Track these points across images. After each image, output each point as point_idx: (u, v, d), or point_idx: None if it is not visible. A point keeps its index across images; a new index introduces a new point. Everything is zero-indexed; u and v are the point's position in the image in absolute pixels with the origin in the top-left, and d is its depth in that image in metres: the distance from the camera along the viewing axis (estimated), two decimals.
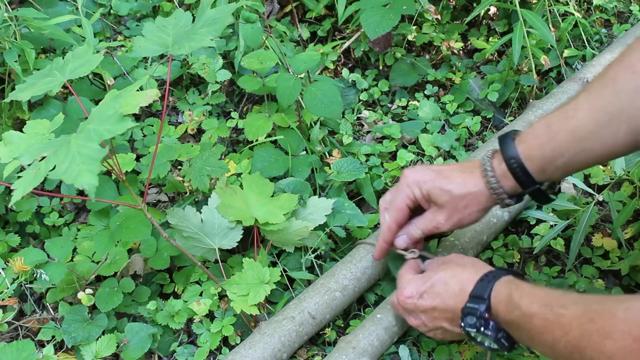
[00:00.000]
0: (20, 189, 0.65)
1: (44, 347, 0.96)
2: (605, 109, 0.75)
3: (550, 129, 0.80)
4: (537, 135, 0.81)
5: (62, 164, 0.65)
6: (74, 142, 0.68)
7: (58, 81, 0.87)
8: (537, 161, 0.81)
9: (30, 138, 0.84)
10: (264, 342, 0.91)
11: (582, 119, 0.77)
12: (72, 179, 0.63)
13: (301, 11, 1.54)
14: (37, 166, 0.67)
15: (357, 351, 0.92)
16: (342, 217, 1.08)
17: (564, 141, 0.78)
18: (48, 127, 0.85)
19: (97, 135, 0.68)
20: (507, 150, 0.83)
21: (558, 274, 1.08)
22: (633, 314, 0.59)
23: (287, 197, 1.05)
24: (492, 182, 0.84)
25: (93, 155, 0.65)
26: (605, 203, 1.17)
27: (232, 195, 1.04)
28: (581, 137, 0.77)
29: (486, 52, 1.40)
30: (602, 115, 0.75)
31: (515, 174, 0.83)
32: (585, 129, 0.77)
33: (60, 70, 0.88)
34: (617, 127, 0.75)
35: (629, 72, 0.73)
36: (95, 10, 1.32)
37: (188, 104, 1.35)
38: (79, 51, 0.91)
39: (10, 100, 1.19)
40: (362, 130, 1.37)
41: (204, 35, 0.85)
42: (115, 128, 0.68)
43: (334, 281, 0.99)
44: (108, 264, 1.03)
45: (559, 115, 0.80)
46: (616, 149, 0.77)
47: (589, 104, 0.77)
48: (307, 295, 0.97)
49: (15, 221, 1.15)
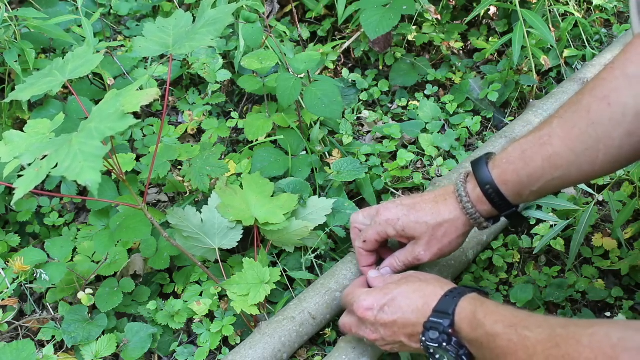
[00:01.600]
0: (22, 188, 0.65)
1: (44, 347, 0.96)
2: (581, 138, 0.75)
3: (525, 154, 0.80)
4: (512, 161, 0.81)
5: (64, 162, 0.65)
6: (75, 140, 0.68)
7: (58, 81, 0.87)
8: (512, 186, 0.82)
9: (31, 137, 0.84)
10: (264, 342, 0.91)
11: (557, 147, 0.77)
12: (75, 175, 0.63)
13: (301, 11, 1.54)
14: (38, 165, 0.67)
15: (357, 351, 0.92)
16: (342, 217, 1.08)
17: (539, 168, 0.78)
18: (48, 127, 0.85)
19: (98, 133, 0.68)
20: (481, 176, 0.83)
21: (558, 274, 1.08)
22: (598, 340, 0.58)
23: (287, 197, 1.05)
24: (468, 207, 0.85)
25: (95, 152, 0.65)
26: (605, 203, 1.17)
27: (232, 195, 1.04)
28: (557, 165, 0.77)
29: (486, 52, 1.40)
30: (578, 145, 0.76)
31: (491, 199, 0.83)
32: (561, 157, 0.77)
33: (60, 70, 0.88)
34: (594, 155, 0.75)
35: (604, 104, 0.73)
36: (95, 10, 1.32)
37: (188, 104, 1.35)
38: (79, 51, 0.91)
39: (10, 101, 1.20)
40: (362, 130, 1.37)
41: (205, 35, 0.85)
42: (116, 125, 0.68)
43: (334, 281, 0.99)
44: (108, 264, 1.03)
45: (534, 142, 0.80)
46: (594, 174, 0.78)
47: (563, 132, 0.77)
48: (307, 296, 0.97)
49: (15, 221, 1.15)
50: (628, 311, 1.02)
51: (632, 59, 0.73)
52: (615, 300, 1.04)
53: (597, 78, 0.76)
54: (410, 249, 0.91)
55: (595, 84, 0.75)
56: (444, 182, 1.13)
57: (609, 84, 0.73)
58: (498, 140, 1.19)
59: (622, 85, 0.72)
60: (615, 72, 0.73)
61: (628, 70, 0.72)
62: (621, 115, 0.72)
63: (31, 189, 0.65)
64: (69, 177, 0.63)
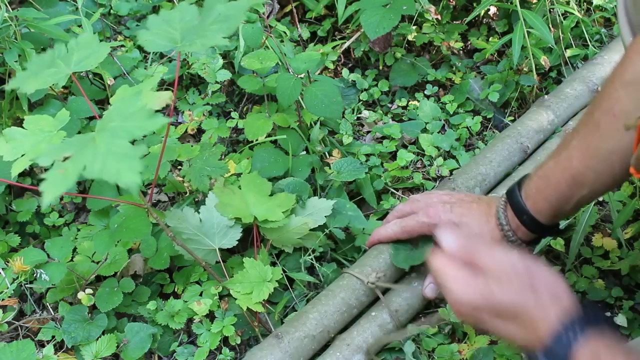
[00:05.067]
0: (50, 191, 0.60)
1: (44, 347, 0.96)
2: (596, 154, 0.79)
3: (550, 181, 0.84)
4: (540, 190, 0.86)
5: (93, 163, 0.61)
6: (99, 140, 0.63)
7: (63, 73, 0.82)
8: (546, 213, 0.87)
9: (35, 135, 0.81)
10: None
11: (577, 168, 0.81)
12: (113, 177, 0.59)
13: (301, 11, 1.54)
14: (61, 166, 0.62)
15: (352, 348, 0.92)
16: (343, 218, 1.08)
17: (567, 191, 0.83)
18: (53, 124, 0.84)
19: (125, 133, 0.63)
20: (517, 207, 0.88)
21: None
22: None
23: (285, 196, 1.05)
24: (510, 235, 0.90)
25: (128, 152, 0.61)
26: (605, 203, 1.17)
27: (230, 194, 1.04)
28: (582, 184, 0.82)
29: (486, 52, 1.40)
30: (595, 162, 0.80)
31: (529, 227, 0.88)
32: (583, 176, 0.81)
33: (64, 60, 0.83)
34: (611, 167, 0.79)
35: (610, 116, 0.77)
36: (95, 10, 1.32)
37: (188, 104, 1.35)
38: (83, 40, 0.86)
39: (10, 100, 1.20)
40: (362, 130, 1.37)
41: (216, 32, 0.80)
42: (146, 124, 0.63)
43: (354, 297, 0.99)
44: (108, 264, 1.03)
45: (555, 167, 0.84)
46: (617, 182, 0.82)
47: (580, 153, 0.81)
48: (328, 310, 0.96)
49: (15, 221, 1.15)
50: (628, 311, 1.02)
51: (627, 67, 0.76)
52: (615, 300, 1.04)
53: (601, 93, 0.79)
54: None
55: (601, 99, 0.79)
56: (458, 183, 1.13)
57: (611, 96, 0.77)
58: None
59: (622, 95, 0.75)
60: (615, 84, 0.76)
61: (624, 79, 0.75)
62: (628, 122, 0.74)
63: (62, 192, 0.60)
64: (108, 179, 0.59)
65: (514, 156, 1.19)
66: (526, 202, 0.87)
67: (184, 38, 0.82)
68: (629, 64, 0.76)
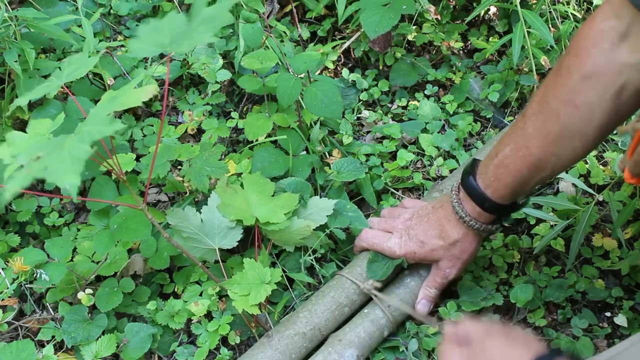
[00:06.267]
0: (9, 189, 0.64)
1: (44, 347, 0.96)
2: (557, 142, 0.81)
3: (510, 169, 0.85)
4: (500, 178, 0.87)
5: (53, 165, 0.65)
6: (67, 143, 0.68)
7: (55, 85, 0.87)
8: (508, 197, 0.89)
9: (32, 138, 0.83)
10: (276, 359, 0.93)
11: (537, 155, 0.82)
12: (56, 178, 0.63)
13: (301, 11, 1.54)
14: (30, 166, 0.67)
15: (344, 343, 0.93)
16: (343, 219, 1.08)
17: (528, 175, 0.85)
18: (48, 127, 0.85)
19: (89, 137, 0.68)
20: (476, 196, 0.90)
21: (558, 274, 1.08)
22: None
23: (288, 197, 1.05)
24: (474, 224, 0.92)
25: (80, 155, 0.65)
26: (605, 203, 1.17)
27: (232, 194, 1.04)
28: (543, 168, 0.83)
29: (486, 52, 1.40)
30: (556, 148, 0.81)
31: (491, 212, 0.91)
32: (544, 161, 0.82)
33: (57, 75, 0.89)
34: (573, 152, 0.81)
35: (571, 108, 0.78)
36: (95, 10, 1.32)
37: (188, 104, 1.35)
38: (74, 58, 0.91)
39: (10, 100, 1.20)
40: (362, 130, 1.37)
41: (203, 32, 0.83)
42: (105, 129, 0.69)
43: (344, 296, 1.00)
44: (108, 264, 1.03)
45: (513, 155, 0.85)
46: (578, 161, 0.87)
47: (539, 140, 0.81)
48: (318, 309, 0.98)
49: (15, 221, 1.15)
50: (628, 311, 1.02)
51: (585, 60, 0.76)
52: (615, 300, 1.04)
53: (556, 84, 0.79)
54: (436, 272, 0.99)
55: (557, 90, 0.79)
56: (447, 185, 1.14)
57: (570, 87, 0.77)
58: None
59: (583, 87, 0.76)
60: (573, 76, 0.77)
61: (584, 72, 0.76)
62: (589, 114, 0.77)
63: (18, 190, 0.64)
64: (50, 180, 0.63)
65: None
66: (486, 191, 0.89)
67: (172, 42, 0.86)
68: (586, 56, 0.76)
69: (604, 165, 1.22)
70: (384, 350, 0.99)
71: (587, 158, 1.23)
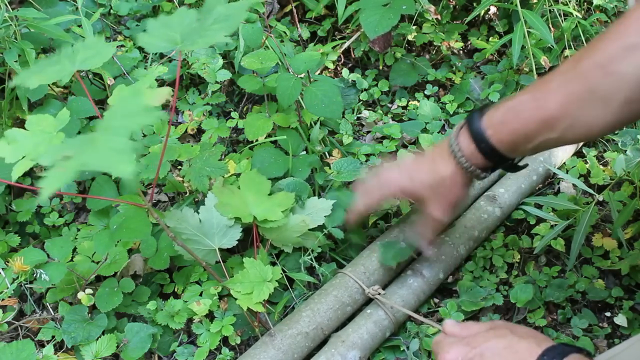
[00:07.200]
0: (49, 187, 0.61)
1: (44, 347, 0.96)
2: (579, 104, 0.74)
3: (519, 116, 0.80)
4: (507, 122, 0.82)
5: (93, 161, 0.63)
6: (99, 139, 0.65)
7: (67, 71, 0.82)
8: (507, 145, 0.83)
9: (36, 136, 0.82)
10: (279, 359, 0.92)
11: (553, 110, 0.76)
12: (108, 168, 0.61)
13: (301, 11, 1.54)
14: (62, 165, 0.64)
15: (347, 344, 0.93)
16: (343, 213, 1.07)
17: (535, 129, 0.79)
18: (53, 125, 0.84)
19: (124, 130, 0.66)
20: (475, 133, 0.84)
21: (558, 274, 1.08)
22: None
23: (284, 195, 1.05)
24: (463, 161, 0.87)
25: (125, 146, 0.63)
26: (606, 203, 1.17)
27: (229, 194, 1.04)
28: (554, 127, 0.77)
29: (486, 52, 1.40)
30: (575, 110, 0.75)
31: (486, 155, 0.85)
32: (558, 120, 0.76)
33: (69, 58, 0.84)
34: (591, 120, 0.75)
35: (603, 72, 0.73)
36: (95, 10, 1.32)
37: (188, 104, 1.35)
38: (89, 41, 0.87)
39: (10, 100, 1.20)
40: (362, 130, 1.37)
41: (218, 31, 0.80)
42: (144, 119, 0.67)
43: (347, 295, 1.00)
44: (108, 264, 1.03)
45: (528, 104, 0.79)
46: (589, 136, 0.81)
47: (560, 97, 0.76)
48: (320, 308, 0.98)
49: (15, 221, 1.15)
50: (628, 311, 1.02)
51: (630, 30, 0.71)
52: (615, 300, 1.04)
53: (593, 47, 0.75)
54: (425, 214, 0.95)
55: (593, 52, 0.74)
56: None
57: (606, 52, 0.73)
58: None
59: (621, 55, 0.71)
60: (615, 43, 0.72)
61: (627, 40, 0.71)
62: (620, 82, 0.72)
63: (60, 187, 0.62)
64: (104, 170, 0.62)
65: None
66: (487, 130, 0.83)
67: (184, 39, 0.83)
68: (632, 26, 0.71)
69: (604, 165, 1.22)
70: (384, 350, 0.99)
71: (587, 158, 1.23)
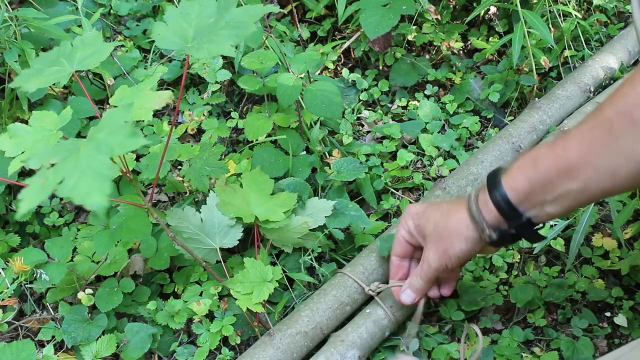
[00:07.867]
0: (26, 201, 0.59)
1: (44, 347, 0.96)
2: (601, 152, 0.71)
3: (538, 165, 0.76)
4: (523, 168, 0.78)
5: (71, 177, 0.60)
6: (83, 151, 0.63)
7: (66, 72, 0.82)
8: (522, 195, 0.78)
9: (37, 132, 0.81)
10: (278, 358, 0.92)
11: (573, 159, 0.73)
12: (81, 198, 0.58)
13: (301, 11, 1.54)
14: (44, 175, 0.62)
15: (346, 344, 0.93)
16: (344, 219, 1.08)
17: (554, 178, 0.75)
18: (55, 122, 0.83)
19: (107, 148, 0.62)
20: (490, 182, 0.81)
21: (558, 274, 1.08)
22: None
23: (286, 195, 1.05)
24: (472, 209, 0.82)
25: (103, 171, 0.60)
26: (605, 203, 1.17)
27: (231, 193, 1.04)
28: (574, 177, 0.73)
29: (486, 52, 1.40)
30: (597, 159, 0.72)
31: (498, 206, 0.79)
32: (578, 170, 0.73)
33: (67, 58, 0.83)
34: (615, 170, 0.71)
35: (627, 119, 0.69)
36: (95, 10, 1.32)
37: (188, 104, 1.35)
38: (87, 38, 0.85)
39: (10, 100, 1.20)
40: (362, 130, 1.37)
41: (226, 38, 0.78)
42: (127, 143, 0.62)
43: (346, 294, 1.00)
44: (108, 264, 1.03)
45: (547, 154, 0.76)
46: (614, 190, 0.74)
47: (581, 146, 0.73)
48: (319, 307, 0.97)
49: (15, 221, 1.15)
50: (628, 311, 1.02)
51: None
52: (615, 300, 1.04)
53: (617, 93, 0.72)
54: (423, 257, 0.91)
55: (617, 99, 0.72)
56: (449, 183, 1.13)
57: (631, 99, 0.70)
58: None
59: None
60: (637, 88, 0.69)
61: None
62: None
63: (37, 203, 0.60)
64: (75, 200, 0.58)
65: (507, 156, 1.19)
66: (502, 176, 0.79)
67: (195, 38, 0.81)
68: None
69: None
70: (384, 349, 0.99)
71: None
